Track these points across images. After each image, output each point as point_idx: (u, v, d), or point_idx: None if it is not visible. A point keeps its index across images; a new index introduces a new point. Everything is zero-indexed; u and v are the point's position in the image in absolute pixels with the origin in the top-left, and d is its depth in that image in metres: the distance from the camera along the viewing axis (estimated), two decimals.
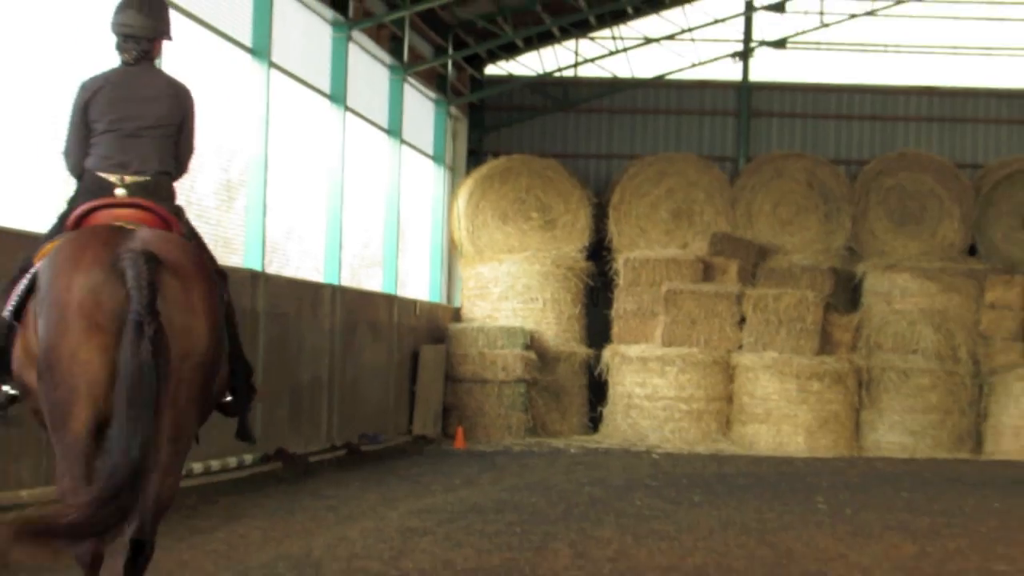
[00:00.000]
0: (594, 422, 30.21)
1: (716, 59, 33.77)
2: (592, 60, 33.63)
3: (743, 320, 29.13)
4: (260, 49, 21.24)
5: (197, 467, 18.65)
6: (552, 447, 27.92)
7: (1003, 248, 31.54)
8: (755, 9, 33.52)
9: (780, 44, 33.69)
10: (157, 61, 9.29)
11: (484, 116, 34.02)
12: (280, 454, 21.09)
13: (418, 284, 31.44)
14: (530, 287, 30.57)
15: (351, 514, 16.68)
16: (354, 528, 15.39)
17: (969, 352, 29.50)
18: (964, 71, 33.95)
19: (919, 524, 17.01)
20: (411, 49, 28.90)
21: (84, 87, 9.28)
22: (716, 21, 33.37)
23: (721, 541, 15.11)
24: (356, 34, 25.56)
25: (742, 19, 33.70)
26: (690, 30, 33.26)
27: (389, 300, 27.38)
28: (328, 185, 24.68)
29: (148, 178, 9.12)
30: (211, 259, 9.34)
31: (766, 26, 33.86)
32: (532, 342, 29.92)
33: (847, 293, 30.98)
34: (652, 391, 29.00)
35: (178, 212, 9.27)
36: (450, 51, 31.13)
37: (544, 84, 33.79)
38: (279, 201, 23.21)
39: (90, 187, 9.13)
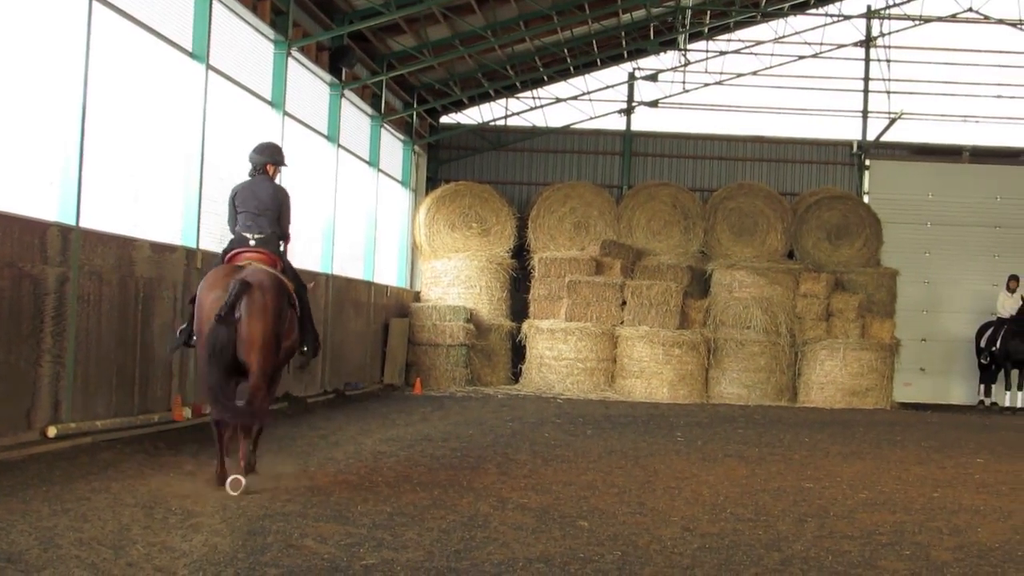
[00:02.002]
0: (516, 376, 31.38)
1: (607, 114, 35.57)
2: (517, 113, 35.40)
3: (624, 303, 30.19)
4: (277, 102, 22.56)
5: None
6: (485, 393, 28.91)
7: (812, 253, 33.13)
8: (636, 79, 35.47)
9: (654, 104, 35.58)
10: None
11: (439, 153, 35.37)
12: (287, 397, 22.17)
13: (389, 274, 32.21)
14: (470, 277, 31.79)
15: (337, 441, 17.40)
16: (339, 451, 16.11)
17: (788, 328, 30.75)
18: (785, 126, 35.86)
19: (750, 453, 18.13)
20: (387, 103, 30.22)
21: (233, 190, 13.70)
22: (608, 86, 35.48)
23: (606, 463, 16.01)
24: (348, 93, 27.02)
25: (626, 85, 35.67)
26: (588, 92, 35.08)
27: (368, 285, 28.51)
28: (327, 202, 25.89)
29: (265, 236, 13.36)
30: (295, 277, 13.54)
31: (644, 91, 35.72)
32: (471, 317, 31.07)
33: (700, 284, 32.12)
34: (558, 354, 30.10)
35: (280, 254, 13.43)
36: (415, 105, 32.47)
37: (483, 130, 35.20)
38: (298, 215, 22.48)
39: (236, 240, 13.45)
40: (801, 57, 35.67)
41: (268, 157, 14.00)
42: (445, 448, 17.08)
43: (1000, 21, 35.26)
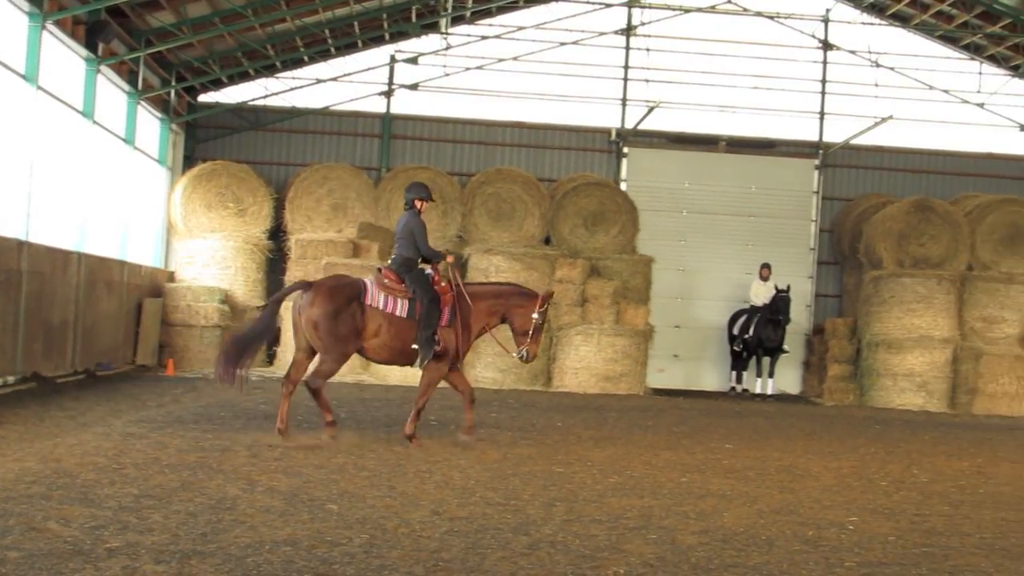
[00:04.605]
0: (270, 358, 31.15)
1: (367, 96, 36.28)
2: (277, 93, 35.71)
3: None
4: (30, 76, 22.55)
5: None
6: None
7: (569, 240, 33.66)
8: (396, 61, 36.27)
9: (414, 87, 36.42)
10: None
11: (197, 132, 35.47)
12: (35, 376, 22.09)
13: (144, 253, 32.18)
14: (226, 258, 32.07)
15: (86, 422, 17.34)
16: (88, 432, 16.04)
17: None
18: (545, 112, 36.86)
19: (502, 437, 18.45)
20: (144, 81, 30.47)
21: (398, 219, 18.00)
22: (368, 68, 36.32)
23: (358, 446, 16.12)
24: (104, 68, 27.23)
25: (387, 68, 36.37)
26: (349, 74, 36.20)
27: (121, 264, 28.46)
28: (79, 179, 26.09)
29: (395, 256, 17.42)
30: (423, 288, 17.04)
31: (404, 73, 36.46)
32: (226, 298, 31.40)
33: (458, 268, 32.63)
34: None
35: (400, 272, 17.15)
36: (173, 83, 32.70)
37: (242, 110, 35.42)
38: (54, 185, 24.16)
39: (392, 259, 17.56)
40: (563, 44, 36.94)
41: (414, 194, 17.72)
42: (196, 430, 17.20)
43: (758, 13, 37.31)
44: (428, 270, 17.56)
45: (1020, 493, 15.96)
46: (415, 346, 17.01)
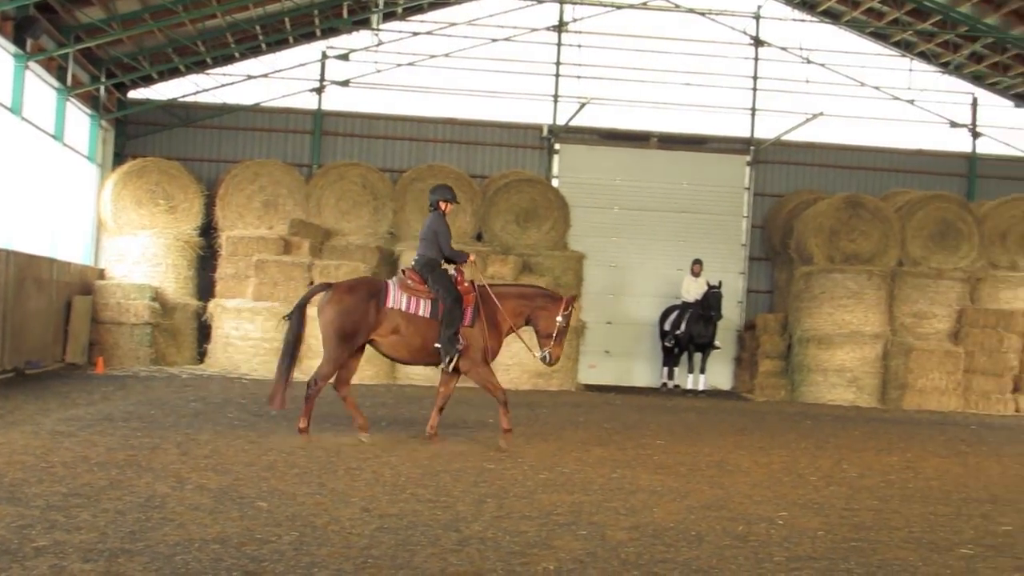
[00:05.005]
0: (201, 355, 31.41)
1: (298, 92, 36.21)
2: (208, 90, 35.65)
3: (312, 283, 29.56)
4: None
5: None
6: (170, 373, 28.81)
7: (501, 236, 33.70)
8: (328, 57, 36.21)
9: (345, 84, 36.36)
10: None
11: (127, 128, 35.24)
12: None
13: (74, 250, 31.90)
14: (157, 255, 31.89)
15: (15, 421, 17.19)
16: (16, 431, 15.92)
17: None
18: (478, 108, 36.87)
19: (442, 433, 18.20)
20: (74, 77, 30.25)
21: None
22: (299, 65, 36.22)
23: (289, 444, 16.19)
24: (32, 64, 27.05)
25: (319, 64, 36.29)
26: (280, 71, 36.07)
27: (50, 262, 28.12)
28: (6, 177, 25.73)
29: (419, 258, 17.74)
30: (446, 288, 17.35)
31: (335, 69, 36.44)
32: (157, 295, 31.12)
33: (389, 265, 32.07)
34: (244, 333, 30.33)
35: (423, 273, 17.53)
36: (103, 80, 32.49)
37: (173, 106, 35.25)
38: None
39: (416, 260, 17.91)
40: (494, 40, 36.98)
41: (439, 196, 18.06)
42: (126, 428, 17.15)
43: (690, 10, 37.54)
44: (452, 271, 17.94)
45: (948, 487, 16.10)
46: (437, 345, 17.36)
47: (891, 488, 15.71)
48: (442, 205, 18.02)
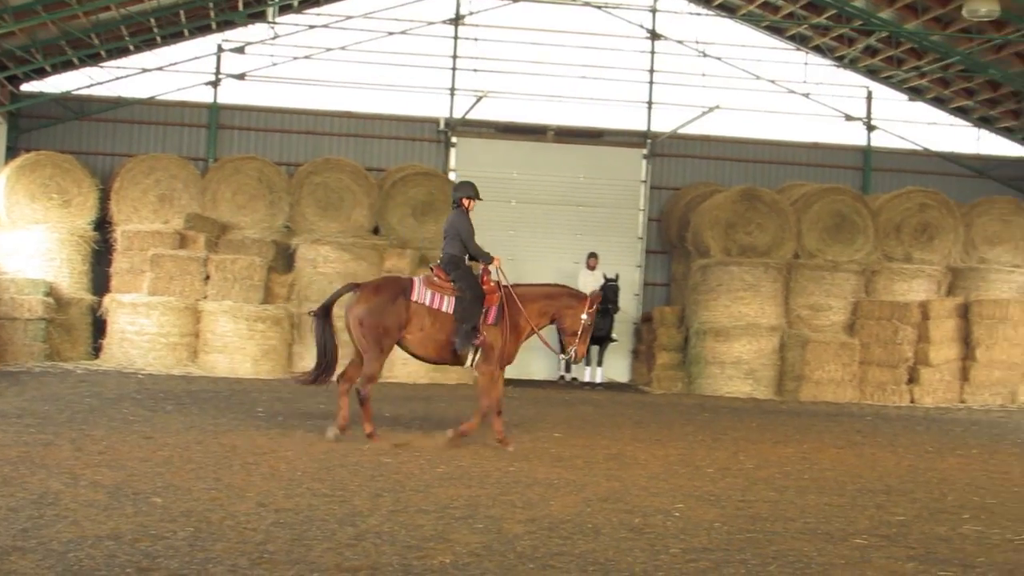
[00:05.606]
0: (97, 351, 31.03)
1: (193, 86, 36.09)
2: (102, 83, 35.43)
3: (208, 277, 30.59)
4: None
5: None
6: (64, 369, 28.63)
7: (398, 229, 33.80)
8: (224, 50, 36.10)
9: (241, 77, 36.29)
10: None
11: (20, 122, 35.01)
12: None
13: None
14: (51, 250, 31.59)
15: None
16: None
17: None
18: (374, 101, 37.00)
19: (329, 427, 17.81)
20: None
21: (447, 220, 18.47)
22: (195, 58, 36.07)
23: (184, 439, 16.23)
24: None
25: (214, 57, 36.14)
26: (175, 64, 35.83)
27: None
28: None
29: (443, 254, 18.12)
30: (470, 286, 17.77)
31: (231, 62, 36.31)
32: (51, 290, 30.78)
33: (285, 259, 32.76)
34: (140, 328, 30.11)
35: (447, 269, 17.83)
36: None
37: (66, 99, 34.95)
38: None
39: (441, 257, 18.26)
40: (391, 33, 36.82)
41: (462, 193, 18.57)
42: (18, 424, 17.00)
43: (587, 3, 37.56)
44: (477, 269, 18.22)
45: (844, 478, 16.36)
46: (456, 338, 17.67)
47: (787, 479, 15.92)
48: (465, 202, 18.52)
